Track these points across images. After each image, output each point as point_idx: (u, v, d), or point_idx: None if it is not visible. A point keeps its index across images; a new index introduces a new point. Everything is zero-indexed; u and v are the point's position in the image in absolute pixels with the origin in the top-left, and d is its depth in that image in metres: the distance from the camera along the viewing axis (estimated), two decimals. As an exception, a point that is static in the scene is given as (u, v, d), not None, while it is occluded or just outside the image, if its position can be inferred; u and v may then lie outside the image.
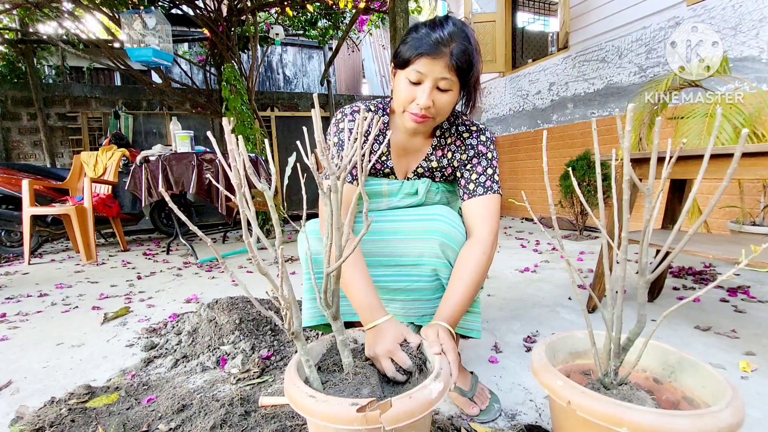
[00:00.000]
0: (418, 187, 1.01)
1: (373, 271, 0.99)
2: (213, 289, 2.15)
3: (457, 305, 0.85)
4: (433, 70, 0.83)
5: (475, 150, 0.99)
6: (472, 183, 0.98)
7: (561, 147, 4.23)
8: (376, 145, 0.98)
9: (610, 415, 0.53)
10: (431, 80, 0.84)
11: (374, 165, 1.01)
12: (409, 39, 0.86)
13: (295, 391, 0.60)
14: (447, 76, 0.84)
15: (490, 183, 0.97)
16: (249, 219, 0.58)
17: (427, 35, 0.83)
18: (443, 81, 0.84)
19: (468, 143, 1.00)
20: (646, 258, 0.60)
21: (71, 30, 4.53)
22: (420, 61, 0.83)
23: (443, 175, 1.04)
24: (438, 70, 0.83)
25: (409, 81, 0.85)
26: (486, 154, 0.99)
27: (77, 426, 0.91)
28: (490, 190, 0.96)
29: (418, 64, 0.83)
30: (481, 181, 0.97)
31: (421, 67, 0.83)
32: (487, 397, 0.95)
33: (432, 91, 0.85)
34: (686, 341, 1.30)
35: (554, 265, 2.42)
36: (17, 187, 3.20)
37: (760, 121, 1.94)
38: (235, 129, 3.85)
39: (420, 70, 0.83)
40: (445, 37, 0.82)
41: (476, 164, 0.99)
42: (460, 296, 0.86)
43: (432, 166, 1.02)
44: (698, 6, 2.90)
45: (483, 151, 0.99)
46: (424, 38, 0.83)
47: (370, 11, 4.96)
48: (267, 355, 1.23)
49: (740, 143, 0.49)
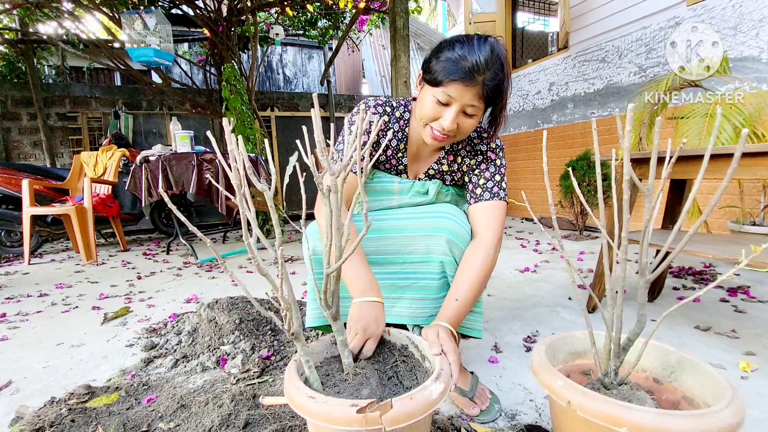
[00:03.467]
0: (429, 187, 1.03)
1: (382, 268, 1.00)
2: (213, 289, 2.15)
3: (460, 306, 0.85)
4: (463, 97, 0.82)
5: (485, 156, 1.01)
6: (480, 188, 0.99)
7: (561, 147, 4.22)
8: (394, 141, 0.99)
9: (610, 415, 0.53)
10: (459, 105, 0.84)
11: (390, 160, 1.02)
12: (443, 57, 0.84)
13: (295, 392, 0.60)
14: (476, 103, 0.84)
15: (497, 189, 0.98)
16: (249, 219, 0.58)
17: (463, 59, 0.81)
18: (471, 108, 0.84)
19: (478, 149, 1.01)
20: (646, 258, 0.60)
21: (71, 30, 4.53)
22: (452, 86, 0.82)
23: (453, 179, 1.06)
24: (468, 97, 0.83)
25: (437, 100, 0.85)
26: (495, 160, 1.00)
27: (77, 426, 0.91)
28: (496, 197, 0.97)
29: (449, 88, 0.82)
30: (489, 187, 0.98)
31: (452, 92, 0.82)
32: (487, 397, 0.95)
33: (458, 115, 0.85)
34: (686, 341, 1.30)
35: (554, 265, 2.42)
36: (17, 187, 3.20)
37: (760, 121, 1.94)
38: (235, 129, 3.84)
39: (451, 95, 0.83)
40: (482, 64, 0.80)
41: (484, 170, 1.00)
42: (463, 297, 0.86)
43: (443, 169, 1.04)
44: (698, 6, 2.90)
45: (492, 157, 1.00)
46: (460, 62, 0.81)
47: (370, 11, 4.96)
48: (267, 355, 1.23)
49: (740, 143, 0.49)
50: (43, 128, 4.88)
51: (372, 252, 0.99)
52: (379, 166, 1.04)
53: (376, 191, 1.04)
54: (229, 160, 0.56)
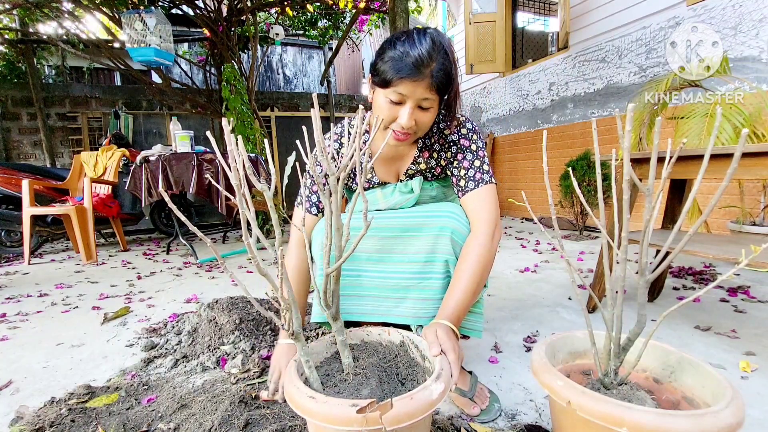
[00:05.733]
0: (413, 185, 1.03)
1: (386, 267, 1.00)
2: (213, 289, 2.15)
3: (460, 302, 0.84)
4: (414, 92, 0.83)
5: (458, 145, 0.99)
6: (463, 179, 0.98)
7: (561, 147, 4.23)
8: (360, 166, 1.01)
9: (610, 415, 0.53)
10: (413, 101, 0.84)
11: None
12: (387, 57, 0.84)
13: (295, 392, 0.60)
14: (428, 96, 0.84)
15: (480, 175, 0.97)
16: (249, 219, 0.58)
17: (405, 55, 0.81)
18: (425, 101, 0.84)
19: (450, 140, 1.00)
20: (646, 258, 0.60)
21: (71, 30, 4.53)
22: (401, 84, 0.82)
23: (434, 175, 1.06)
24: (420, 91, 0.83)
25: (390, 100, 0.85)
26: (470, 146, 0.99)
27: (77, 426, 0.91)
28: (481, 182, 0.96)
29: (399, 87, 0.82)
30: (471, 175, 0.97)
31: (402, 89, 0.82)
32: (486, 396, 0.95)
33: (414, 111, 0.85)
34: (686, 341, 1.30)
35: (554, 265, 2.42)
36: (17, 187, 3.20)
37: (760, 121, 1.94)
38: (235, 129, 3.84)
39: (402, 92, 0.83)
40: (425, 57, 0.81)
41: (462, 159, 0.99)
42: (462, 292, 0.85)
43: (421, 168, 1.03)
44: (698, 6, 2.90)
45: (466, 144, 0.99)
46: (404, 59, 0.81)
47: (370, 11, 4.96)
48: (267, 355, 1.23)
49: (740, 143, 0.49)
50: (43, 128, 4.88)
51: (376, 251, 0.99)
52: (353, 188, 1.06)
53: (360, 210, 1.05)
54: (229, 160, 0.56)
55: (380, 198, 1.05)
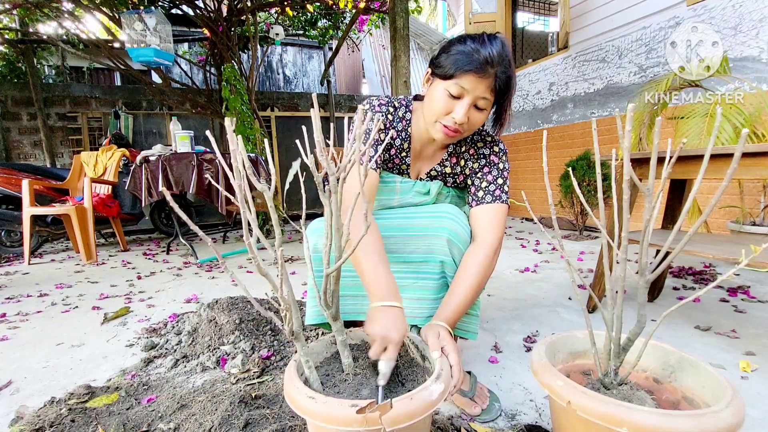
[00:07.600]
0: (431, 187, 1.03)
1: None
2: (213, 289, 2.15)
3: (458, 307, 0.85)
4: (476, 89, 0.83)
5: (487, 159, 1.01)
6: (481, 191, 0.99)
7: (561, 147, 4.23)
8: (398, 140, 1.00)
9: (610, 415, 0.53)
10: (472, 97, 0.84)
11: (393, 159, 1.02)
12: (454, 51, 0.85)
13: (295, 392, 0.60)
14: (488, 96, 0.85)
15: (499, 192, 0.98)
16: (249, 220, 0.58)
17: (476, 52, 0.82)
18: (483, 100, 0.85)
19: (481, 152, 1.01)
20: (646, 258, 0.60)
21: (71, 30, 4.53)
22: (466, 77, 0.82)
23: (455, 182, 1.06)
24: (481, 89, 0.83)
25: (449, 93, 0.85)
26: (498, 164, 1.00)
27: (77, 426, 0.91)
28: (498, 200, 0.97)
29: (462, 80, 0.83)
30: (490, 190, 0.98)
31: (465, 83, 0.83)
32: (486, 396, 0.96)
33: (470, 108, 0.85)
34: (686, 341, 1.30)
35: (554, 265, 2.42)
36: (17, 187, 3.20)
37: (760, 121, 1.94)
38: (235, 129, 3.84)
39: (464, 86, 0.83)
40: (494, 57, 0.82)
41: (487, 173, 1.00)
42: (461, 298, 0.86)
43: (445, 171, 1.04)
44: (698, 6, 2.90)
45: (495, 161, 1.00)
46: (473, 55, 0.82)
47: (370, 11, 4.96)
48: (267, 355, 1.23)
49: (740, 143, 0.49)
50: (43, 128, 4.88)
51: None
52: (382, 165, 1.04)
53: (378, 190, 1.04)
54: (230, 161, 0.56)
55: (398, 187, 1.04)
